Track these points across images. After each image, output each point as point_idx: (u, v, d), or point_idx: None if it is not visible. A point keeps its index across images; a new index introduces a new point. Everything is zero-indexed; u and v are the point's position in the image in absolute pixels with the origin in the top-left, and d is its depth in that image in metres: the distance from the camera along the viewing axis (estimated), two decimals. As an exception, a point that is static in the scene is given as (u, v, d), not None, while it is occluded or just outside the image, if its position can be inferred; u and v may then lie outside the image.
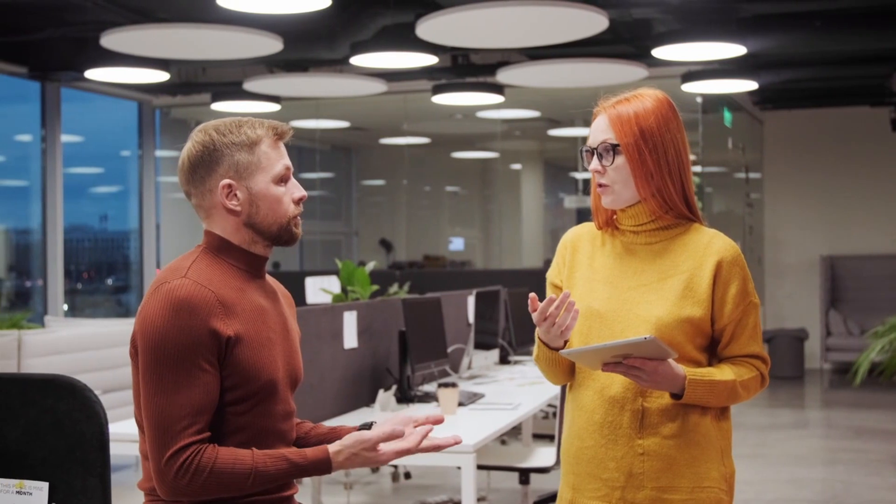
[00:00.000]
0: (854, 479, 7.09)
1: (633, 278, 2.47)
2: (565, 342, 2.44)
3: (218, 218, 2.28)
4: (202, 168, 2.26)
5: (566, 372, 2.54)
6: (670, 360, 2.34)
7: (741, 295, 2.44)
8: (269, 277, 2.39)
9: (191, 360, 2.10)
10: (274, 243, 2.33)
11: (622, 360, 2.30)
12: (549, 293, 2.59)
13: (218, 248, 2.28)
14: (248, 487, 2.13)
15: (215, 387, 2.14)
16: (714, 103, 11.33)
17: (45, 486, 1.99)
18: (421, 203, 15.44)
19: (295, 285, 8.40)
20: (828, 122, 12.92)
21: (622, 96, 2.51)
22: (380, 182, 16.05)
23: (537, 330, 2.44)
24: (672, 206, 2.47)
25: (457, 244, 15.37)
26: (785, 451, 8.07)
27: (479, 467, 4.86)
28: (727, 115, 11.77)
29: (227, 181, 2.25)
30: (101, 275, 12.80)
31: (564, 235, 2.64)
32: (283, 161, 2.30)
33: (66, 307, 11.28)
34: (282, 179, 2.29)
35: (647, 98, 2.48)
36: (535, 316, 2.36)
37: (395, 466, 6.87)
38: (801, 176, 13.06)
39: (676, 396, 2.39)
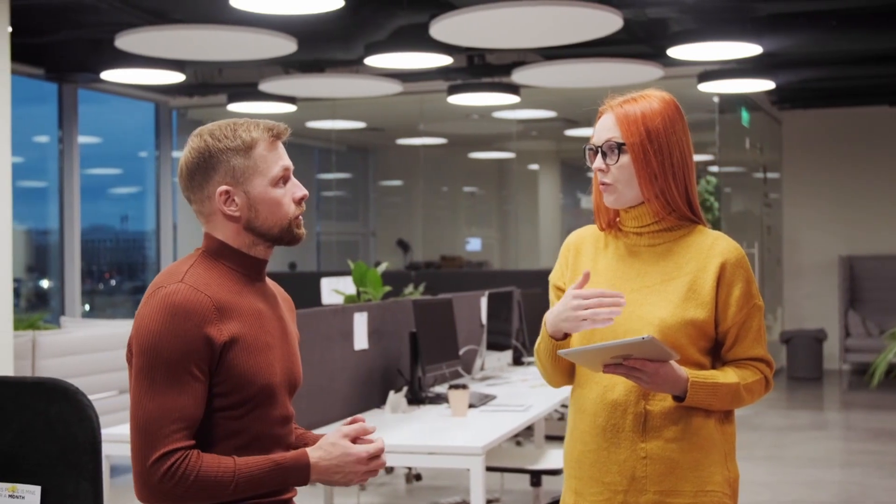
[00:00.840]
0: (870, 482, 7.04)
1: (637, 280, 2.45)
2: (565, 336, 2.42)
3: (218, 223, 2.26)
4: (199, 175, 2.24)
5: (564, 373, 2.52)
6: (672, 363, 2.32)
7: (745, 297, 2.42)
8: (269, 281, 2.37)
9: (183, 367, 2.09)
10: (276, 244, 2.31)
11: (622, 360, 2.28)
12: (552, 296, 2.57)
13: (216, 252, 2.26)
14: (231, 493, 2.11)
15: (203, 396, 2.13)
16: (731, 103, 11.28)
17: (37, 489, 1.99)
18: (438, 203, 15.42)
19: (311, 286, 8.43)
20: (847, 122, 12.85)
21: (629, 96, 2.49)
22: (397, 182, 16.04)
23: (546, 317, 2.41)
24: (675, 208, 2.45)
25: (474, 244, 15.34)
26: (802, 453, 8.03)
27: (490, 469, 4.85)
28: (745, 115, 11.72)
29: (224, 187, 2.22)
30: (123, 275, 12.86)
31: (567, 238, 2.63)
32: (281, 162, 2.26)
33: (87, 307, 11.34)
34: (280, 181, 2.26)
35: (653, 99, 2.47)
36: (575, 291, 2.31)
37: (410, 468, 6.86)
38: (820, 176, 12.99)
39: (678, 399, 2.37)
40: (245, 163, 2.22)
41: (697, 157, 2.54)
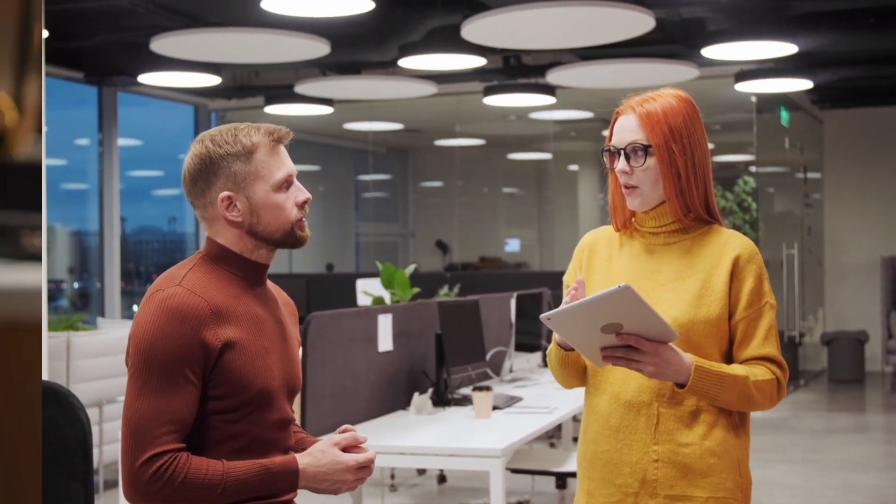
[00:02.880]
0: (908, 486, 6.96)
1: (651, 278, 2.43)
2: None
3: (220, 228, 2.26)
4: (201, 181, 2.24)
5: (574, 376, 2.51)
6: (675, 347, 2.26)
7: (756, 293, 2.39)
8: (270, 284, 2.38)
9: (177, 370, 2.10)
10: (280, 248, 2.32)
11: (615, 335, 2.22)
12: (566, 297, 2.56)
13: (217, 256, 2.27)
14: (219, 497, 2.12)
15: (196, 399, 2.14)
16: (770, 103, 11.17)
17: None
18: (478, 204, 15.42)
19: (347, 287, 8.45)
20: (889, 121, 12.69)
21: (646, 95, 2.47)
22: (437, 184, 16.05)
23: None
24: (692, 209, 2.43)
25: (513, 245, 15.32)
26: (841, 456, 7.93)
27: (514, 471, 4.84)
28: (784, 115, 11.61)
29: (225, 193, 2.22)
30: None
31: (582, 239, 2.62)
32: (283, 167, 2.26)
33: (135, 308, 11.46)
34: (283, 185, 2.25)
35: (671, 97, 2.45)
36: (567, 298, 2.31)
37: (441, 469, 6.86)
38: (862, 175, 12.84)
39: (681, 386, 2.33)
40: (246, 168, 2.22)
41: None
